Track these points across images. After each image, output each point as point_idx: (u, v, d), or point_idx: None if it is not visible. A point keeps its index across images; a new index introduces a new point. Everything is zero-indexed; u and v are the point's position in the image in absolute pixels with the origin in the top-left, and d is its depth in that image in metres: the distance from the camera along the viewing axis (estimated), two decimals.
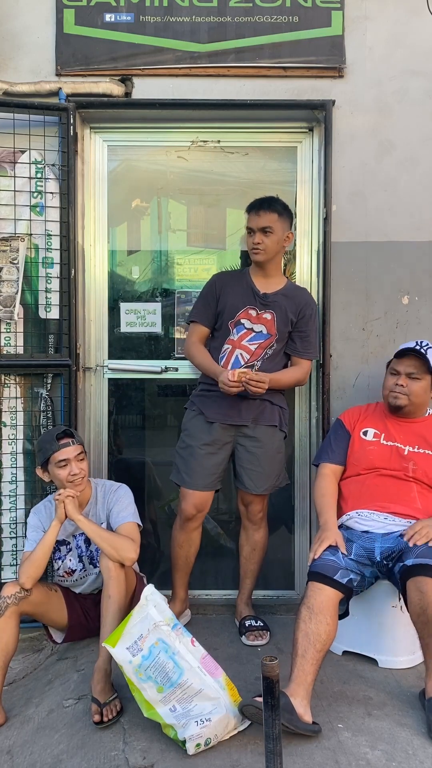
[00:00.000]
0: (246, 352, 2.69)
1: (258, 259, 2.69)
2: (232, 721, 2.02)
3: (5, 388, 2.97)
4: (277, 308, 2.70)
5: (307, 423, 3.10)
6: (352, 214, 2.97)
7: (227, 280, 2.80)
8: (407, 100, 2.98)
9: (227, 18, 2.95)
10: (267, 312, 2.70)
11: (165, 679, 1.98)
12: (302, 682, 2.04)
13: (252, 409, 2.68)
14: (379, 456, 2.56)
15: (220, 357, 2.71)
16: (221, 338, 2.74)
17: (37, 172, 2.94)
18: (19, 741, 2.11)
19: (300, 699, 2.01)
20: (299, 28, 2.95)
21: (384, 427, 2.62)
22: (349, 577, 2.25)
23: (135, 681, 2.01)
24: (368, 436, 2.62)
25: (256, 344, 2.69)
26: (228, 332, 2.72)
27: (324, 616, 2.13)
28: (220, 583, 3.20)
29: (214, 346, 2.77)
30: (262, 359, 2.69)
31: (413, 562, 2.18)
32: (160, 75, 2.97)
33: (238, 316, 2.71)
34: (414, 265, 2.99)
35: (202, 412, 2.72)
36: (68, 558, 2.56)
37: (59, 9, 2.94)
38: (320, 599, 2.17)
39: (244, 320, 2.70)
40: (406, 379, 2.55)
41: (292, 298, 2.73)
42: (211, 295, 2.77)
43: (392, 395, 2.57)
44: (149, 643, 2.00)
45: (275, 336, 2.69)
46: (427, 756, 1.95)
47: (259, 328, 2.70)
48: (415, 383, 2.54)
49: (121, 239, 3.25)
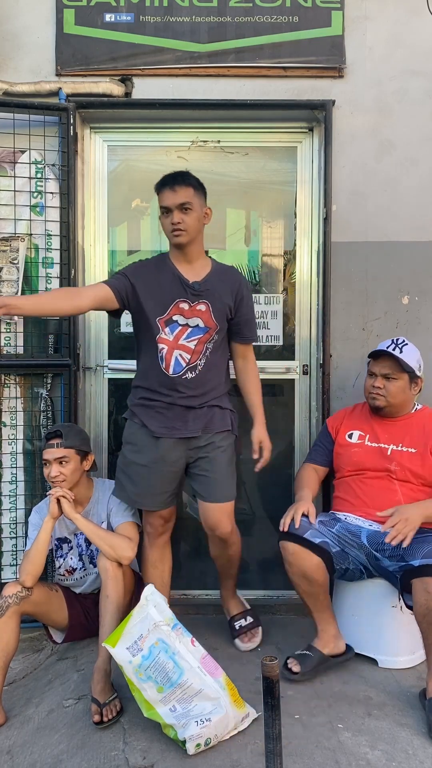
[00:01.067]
0: (186, 352, 2.40)
1: (180, 241, 2.37)
2: (232, 722, 2.02)
3: (5, 388, 2.97)
4: (211, 297, 2.42)
5: (307, 423, 3.11)
6: (352, 214, 2.97)
7: (144, 273, 2.43)
8: (407, 100, 2.98)
9: (227, 18, 2.95)
10: (201, 303, 2.41)
11: (165, 679, 1.98)
12: None
13: (200, 418, 2.43)
14: (363, 457, 2.56)
15: (159, 358, 2.40)
16: (149, 339, 2.41)
17: (37, 172, 2.94)
18: (19, 741, 2.11)
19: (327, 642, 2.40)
20: (299, 28, 2.95)
21: (369, 428, 2.62)
22: (324, 540, 2.35)
23: (135, 681, 2.01)
24: (353, 438, 2.62)
25: (195, 340, 2.40)
26: (158, 330, 2.39)
27: (305, 563, 2.32)
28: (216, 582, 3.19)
29: (142, 349, 2.47)
30: (204, 356, 2.42)
31: (420, 562, 2.20)
32: (160, 75, 2.97)
33: (170, 312, 2.40)
34: (414, 265, 2.99)
35: (145, 425, 2.43)
36: (69, 556, 2.57)
37: (59, 9, 2.94)
38: (293, 550, 2.34)
39: (177, 316, 2.40)
40: (383, 380, 2.53)
41: (225, 282, 2.46)
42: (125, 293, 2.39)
43: (371, 396, 2.56)
44: (149, 643, 2.00)
45: (215, 328, 2.42)
46: (427, 756, 1.95)
47: (195, 322, 2.40)
48: (392, 384, 2.52)
49: (121, 239, 3.25)
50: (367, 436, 2.60)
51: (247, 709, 2.10)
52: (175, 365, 2.40)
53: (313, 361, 3.08)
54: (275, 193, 2.97)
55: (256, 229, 3.24)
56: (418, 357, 2.55)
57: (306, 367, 3.11)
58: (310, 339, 3.09)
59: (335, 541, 2.40)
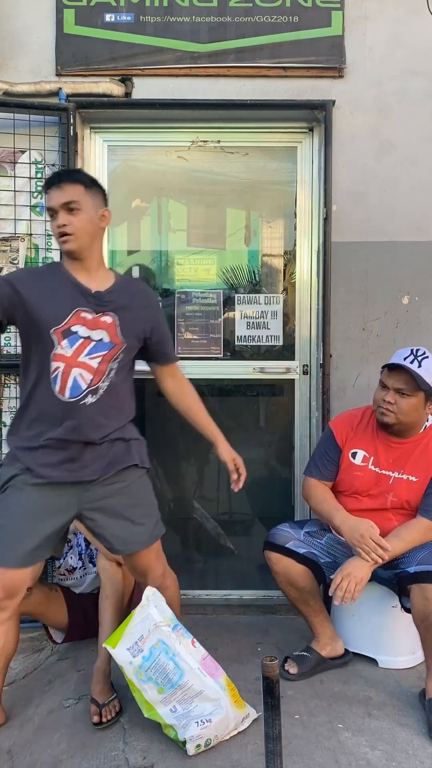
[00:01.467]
0: (87, 371, 1.99)
1: (69, 247, 2.02)
2: (232, 722, 2.02)
3: (5, 388, 2.97)
4: (120, 311, 2.05)
5: (307, 423, 3.10)
6: (352, 214, 2.97)
7: (32, 279, 2.05)
8: (407, 100, 2.98)
9: (227, 18, 2.95)
10: (106, 315, 2.03)
11: (165, 680, 1.98)
12: None
13: (100, 457, 2.03)
14: (364, 483, 2.38)
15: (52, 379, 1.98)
16: (41, 354, 2.00)
17: (37, 172, 2.94)
18: (19, 741, 2.11)
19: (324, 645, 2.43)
20: (299, 28, 2.94)
21: (374, 449, 2.40)
22: (311, 551, 2.35)
23: (135, 682, 2.01)
24: (357, 459, 2.40)
25: (98, 358, 2.00)
26: (51, 345, 1.97)
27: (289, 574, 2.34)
28: (220, 583, 3.19)
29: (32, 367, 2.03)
30: (107, 378, 2.03)
31: (415, 569, 2.20)
32: (160, 75, 2.97)
33: (68, 322, 1.98)
34: (414, 265, 2.98)
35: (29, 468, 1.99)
36: (69, 555, 2.57)
37: (59, 9, 2.94)
38: (276, 560, 2.35)
39: (78, 327, 1.99)
40: (395, 395, 2.27)
41: (134, 295, 2.11)
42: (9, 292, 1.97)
43: (380, 411, 2.32)
44: (150, 643, 2.00)
45: (120, 345, 2.04)
46: (427, 756, 1.95)
47: (98, 336, 2.02)
48: (405, 400, 2.26)
49: (121, 239, 3.25)
50: (372, 459, 2.39)
51: (248, 709, 2.10)
52: (73, 387, 1.98)
53: (313, 361, 3.08)
54: (275, 193, 2.97)
55: (256, 229, 3.24)
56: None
57: (306, 367, 3.11)
58: (310, 339, 3.09)
59: (324, 552, 2.39)
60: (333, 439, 2.47)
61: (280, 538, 2.37)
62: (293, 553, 2.34)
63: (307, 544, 2.37)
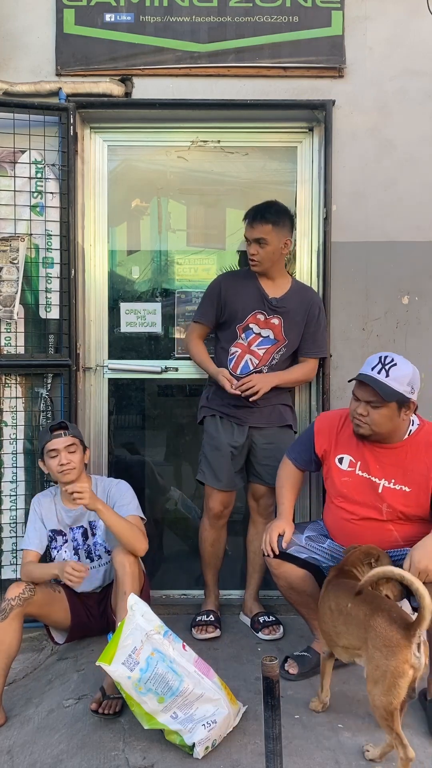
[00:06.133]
0: (255, 357, 2.75)
1: (255, 269, 2.74)
2: (231, 719, 2.03)
3: (6, 388, 2.97)
4: (285, 314, 2.74)
5: (308, 423, 3.10)
6: (352, 214, 2.97)
7: (233, 282, 2.80)
8: (407, 100, 2.98)
9: (227, 18, 2.95)
10: (275, 317, 2.74)
11: (166, 689, 1.94)
12: None
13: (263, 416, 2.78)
14: (353, 489, 2.30)
15: (229, 359, 2.76)
16: (228, 340, 2.79)
17: (37, 172, 2.94)
18: (19, 741, 2.11)
19: None
20: (299, 28, 2.94)
21: (360, 454, 2.31)
22: (312, 556, 2.36)
23: (134, 696, 1.95)
24: (344, 464, 2.33)
25: (264, 349, 2.75)
26: (235, 335, 2.76)
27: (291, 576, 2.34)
28: (220, 583, 3.19)
29: (222, 347, 2.82)
30: (269, 364, 2.75)
31: None
32: (160, 75, 2.97)
33: (247, 320, 2.75)
34: (414, 265, 2.98)
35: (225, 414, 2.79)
36: (63, 549, 2.57)
37: (59, 9, 2.94)
38: (277, 565, 2.35)
39: (253, 325, 2.75)
40: (366, 407, 2.18)
41: (300, 302, 2.77)
42: (216, 296, 2.79)
43: (355, 423, 2.24)
44: (145, 654, 1.95)
45: (282, 342, 2.75)
46: (427, 756, 1.95)
47: (266, 333, 2.75)
48: (376, 412, 2.17)
49: (121, 239, 3.25)
50: (359, 463, 2.31)
51: (239, 704, 2.11)
52: (244, 367, 2.75)
53: None
54: (275, 193, 2.96)
55: None
56: (411, 377, 2.18)
57: None
58: None
59: (326, 556, 2.38)
60: (311, 439, 2.43)
61: (281, 543, 2.35)
62: (294, 558, 2.33)
63: (308, 549, 2.36)
